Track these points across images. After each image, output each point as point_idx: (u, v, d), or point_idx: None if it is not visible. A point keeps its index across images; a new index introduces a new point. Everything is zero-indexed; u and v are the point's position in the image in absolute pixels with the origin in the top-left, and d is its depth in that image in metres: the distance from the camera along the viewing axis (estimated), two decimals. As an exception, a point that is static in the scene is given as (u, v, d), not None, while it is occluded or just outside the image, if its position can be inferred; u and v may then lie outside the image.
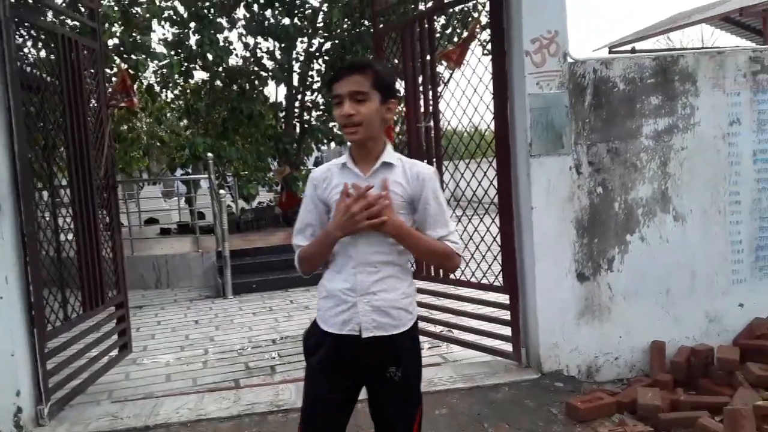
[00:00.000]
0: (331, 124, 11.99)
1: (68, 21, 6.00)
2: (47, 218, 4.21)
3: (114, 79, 5.31)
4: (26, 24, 4.18)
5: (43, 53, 4.69)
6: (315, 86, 11.97)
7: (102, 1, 8.25)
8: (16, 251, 3.71)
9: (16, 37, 3.94)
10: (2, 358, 3.60)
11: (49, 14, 6.09)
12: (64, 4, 5.34)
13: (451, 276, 4.71)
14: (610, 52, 10.25)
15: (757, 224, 4.21)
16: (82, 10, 5.34)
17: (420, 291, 5.04)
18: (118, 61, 8.50)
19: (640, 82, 4.01)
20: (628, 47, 10.12)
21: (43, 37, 4.47)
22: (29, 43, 4.39)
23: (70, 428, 3.74)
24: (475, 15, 7.16)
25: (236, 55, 11.42)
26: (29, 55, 4.44)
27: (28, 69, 4.30)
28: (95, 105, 4.96)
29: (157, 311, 7.29)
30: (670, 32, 11.23)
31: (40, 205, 4.14)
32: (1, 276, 3.60)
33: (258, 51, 11.56)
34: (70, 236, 4.51)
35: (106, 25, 9.10)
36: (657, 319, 4.08)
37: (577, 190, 3.99)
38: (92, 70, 4.93)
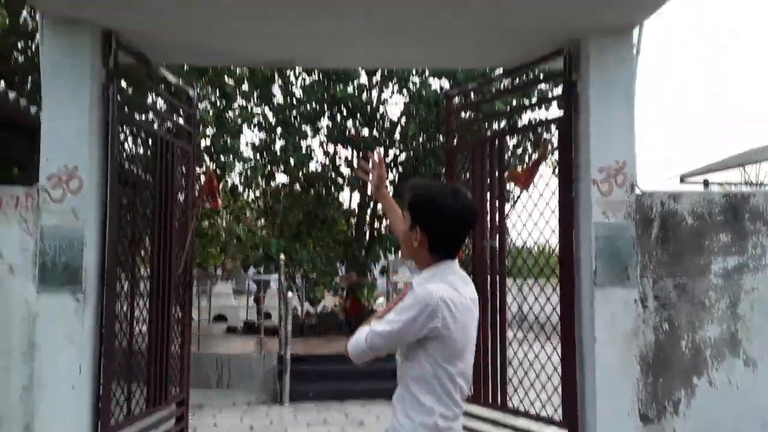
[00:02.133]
0: (400, 233, 12.17)
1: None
2: (125, 310, 4.43)
3: (202, 178, 5.67)
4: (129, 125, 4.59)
5: (140, 149, 5.08)
6: (388, 195, 12.32)
7: (200, 105, 8.94)
8: (92, 342, 3.90)
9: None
10: (66, 449, 3.71)
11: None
12: (164, 108, 5.85)
13: (510, 405, 4.60)
14: (681, 182, 10.23)
15: (836, 375, 3.98)
16: (181, 113, 5.81)
17: (475, 417, 4.93)
18: (207, 161, 9.09)
19: (710, 218, 4.00)
20: (700, 178, 10.08)
21: (142, 136, 4.86)
22: (128, 141, 4.77)
23: None
24: (547, 137, 7.37)
25: (316, 161, 11.96)
26: (127, 152, 4.82)
27: (126, 165, 4.66)
28: (183, 203, 5.29)
29: (215, 413, 7.38)
30: (744, 167, 11.22)
31: (119, 297, 4.37)
32: (75, 365, 3.77)
33: (337, 158, 12.08)
34: (142, 328, 4.70)
35: (201, 126, 9.80)
36: (726, 468, 3.84)
37: (642, 324, 3.91)
38: (184, 171, 5.30)
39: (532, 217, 4.61)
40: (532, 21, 3.98)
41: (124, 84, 6.15)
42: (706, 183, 9.77)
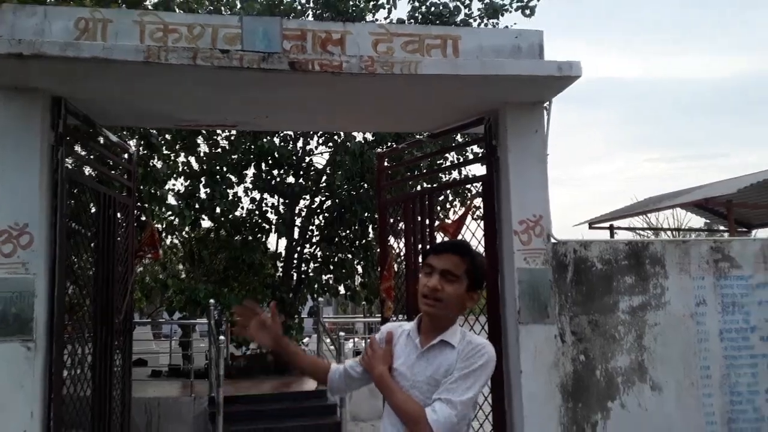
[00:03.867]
0: (325, 277, 12.45)
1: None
2: (71, 358, 4.52)
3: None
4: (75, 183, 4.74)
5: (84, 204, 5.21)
6: (314, 240, 12.60)
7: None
8: (42, 388, 3.99)
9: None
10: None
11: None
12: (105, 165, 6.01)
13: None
14: (590, 228, 11.14)
15: (728, 398, 4.57)
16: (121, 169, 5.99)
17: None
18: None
19: (616, 263, 4.55)
20: (607, 224, 11.01)
21: (86, 193, 5.00)
22: (73, 197, 4.91)
23: None
24: (472, 192, 8.08)
25: (242, 207, 12.12)
26: (72, 208, 4.95)
27: (70, 220, 4.79)
28: (122, 254, 5.42)
29: (148, 457, 7.31)
30: (645, 214, 12.34)
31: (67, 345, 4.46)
32: (27, 410, 3.88)
33: (263, 205, 12.28)
34: (87, 374, 4.77)
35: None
36: (638, 485, 4.32)
37: (562, 357, 4.38)
38: (124, 224, 5.46)
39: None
40: (458, 96, 4.51)
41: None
42: (611, 228, 10.67)
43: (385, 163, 6.18)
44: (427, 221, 5.28)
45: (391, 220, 5.92)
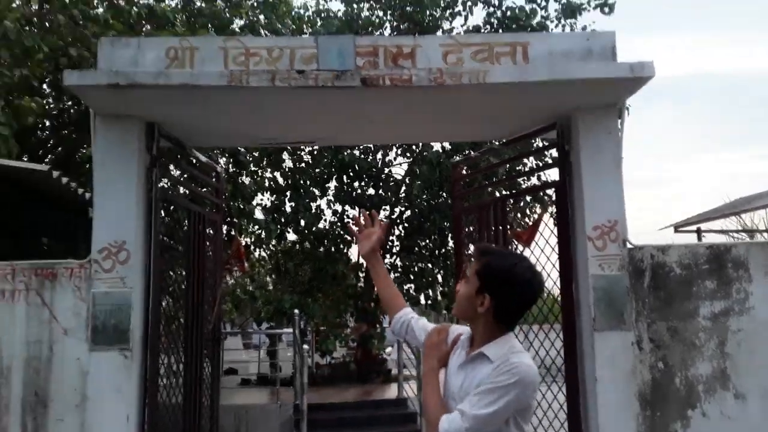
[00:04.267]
0: (406, 286, 12.60)
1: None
2: (165, 365, 4.84)
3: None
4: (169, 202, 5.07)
5: (176, 221, 5.56)
6: (394, 250, 12.79)
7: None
8: (138, 394, 4.31)
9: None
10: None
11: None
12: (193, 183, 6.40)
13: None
14: (675, 231, 10.74)
15: (820, 408, 4.36)
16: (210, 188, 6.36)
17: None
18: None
19: (696, 267, 4.44)
20: (693, 227, 10.59)
21: (177, 211, 5.36)
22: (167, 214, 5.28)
23: None
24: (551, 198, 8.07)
25: (325, 219, 12.48)
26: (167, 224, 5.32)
27: (163, 237, 5.14)
28: (211, 267, 5.75)
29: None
30: (734, 215, 11.75)
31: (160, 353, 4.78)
32: (124, 414, 4.19)
33: (345, 217, 12.60)
34: (179, 381, 5.09)
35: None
36: (722, 496, 4.19)
37: (639, 364, 4.32)
38: (213, 238, 5.80)
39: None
40: (528, 102, 4.54)
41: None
42: (698, 231, 10.26)
43: (463, 172, 6.26)
44: (501, 228, 5.34)
45: (467, 229, 5.99)
